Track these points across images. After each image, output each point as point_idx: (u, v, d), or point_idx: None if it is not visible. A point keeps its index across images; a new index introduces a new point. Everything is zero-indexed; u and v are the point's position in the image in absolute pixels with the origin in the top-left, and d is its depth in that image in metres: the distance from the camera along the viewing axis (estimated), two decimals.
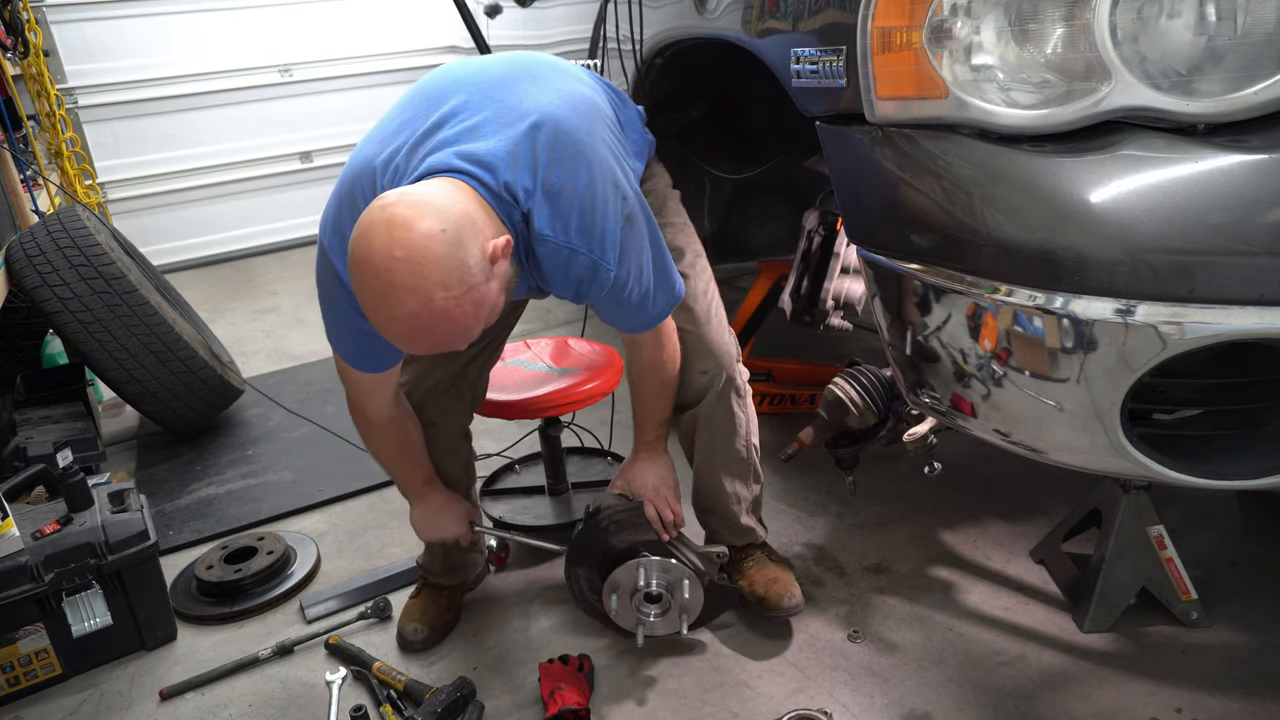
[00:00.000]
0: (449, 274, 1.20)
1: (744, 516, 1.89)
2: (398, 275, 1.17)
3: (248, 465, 2.80)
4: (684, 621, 1.75)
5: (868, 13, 1.29)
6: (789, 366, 2.86)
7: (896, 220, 1.36)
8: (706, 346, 1.71)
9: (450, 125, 1.38)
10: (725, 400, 1.77)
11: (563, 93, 1.44)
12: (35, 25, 4.32)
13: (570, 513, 2.22)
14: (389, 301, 1.19)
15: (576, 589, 1.82)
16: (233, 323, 4.29)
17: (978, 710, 1.60)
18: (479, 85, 1.43)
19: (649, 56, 2.24)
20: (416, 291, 1.18)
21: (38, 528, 1.87)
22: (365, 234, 1.20)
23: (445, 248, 1.19)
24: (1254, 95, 1.07)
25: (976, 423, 1.37)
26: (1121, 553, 1.72)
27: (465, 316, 1.24)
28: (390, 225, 1.19)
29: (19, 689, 1.85)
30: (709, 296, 1.75)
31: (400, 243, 1.17)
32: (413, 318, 1.20)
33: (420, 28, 5.61)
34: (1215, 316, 1.08)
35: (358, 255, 1.21)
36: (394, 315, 1.20)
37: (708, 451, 1.82)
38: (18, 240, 2.70)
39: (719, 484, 1.84)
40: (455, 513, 1.82)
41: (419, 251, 1.18)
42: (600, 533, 1.76)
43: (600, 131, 1.43)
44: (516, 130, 1.35)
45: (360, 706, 1.67)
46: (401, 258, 1.17)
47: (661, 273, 1.52)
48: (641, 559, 1.72)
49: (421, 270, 1.18)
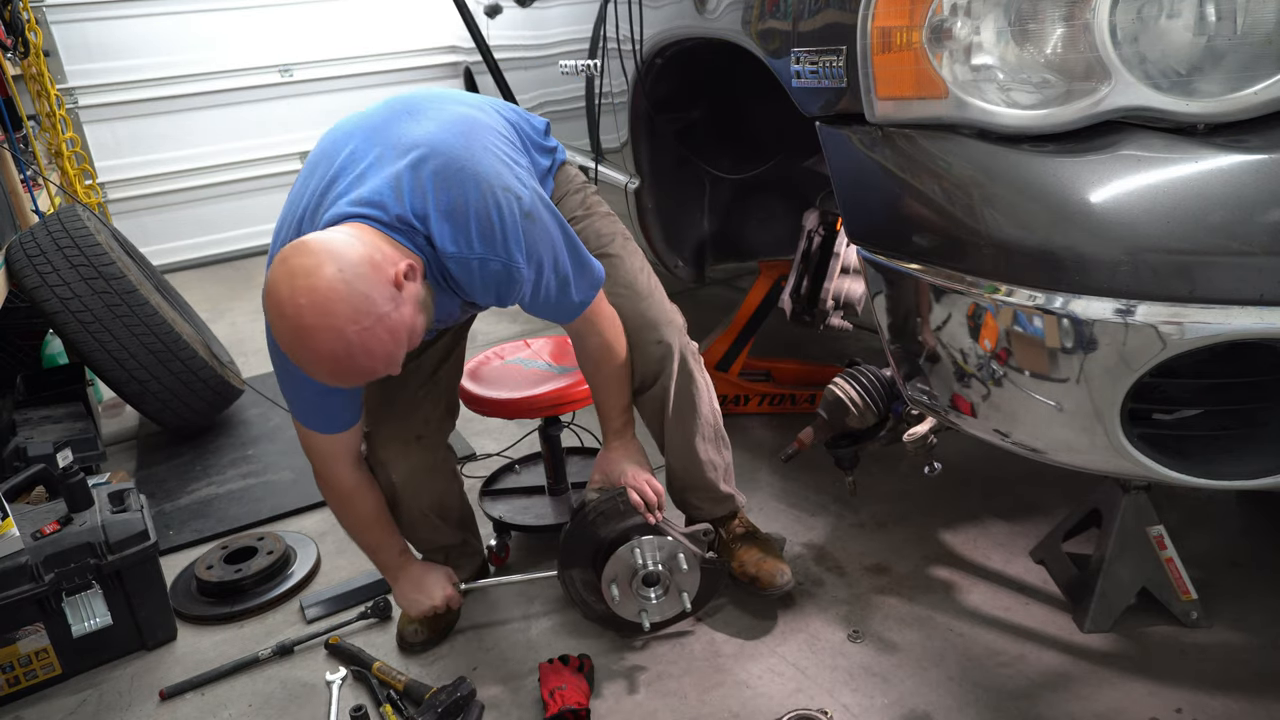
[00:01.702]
0: (355, 308, 1.27)
1: (722, 484, 1.91)
2: (308, 319, 1.25)
3: (248, 465, 2.80)
4: (685, 599, 1.76)
5: (868, 13, 1.29)
6: (789, 366, 2.86)
7: (896, 220, 1.36)
8: (655, 316, 1.77)
9: (341, 179, 1.46)
10: (685, 368, 1.79)
11: (439, 120, 1.51)
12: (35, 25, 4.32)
13: (570, 512, 2.21)
14: (307, 345, 1.27)
15: (573, 591, 1.82)
16: (233, 323, 4.29)
17: (978, 710, 1.60)
18: (363, 133, 1.51)
19: (649, 56, 2.24)
20: (329, 330, 1.26)
21: (38, 528, 1.87)
22: (273, 290, 1.28)
23: (345, 284, 1.27)
24: (1254, 95, 1.07)
25: (976, 423, 1.37)
26: (1121, 553, 1.72)
27: (383, 344, 1.31)
28: (291, 276, 1.27)
29: (19, 689, 1.85)
30: (646, 273, 1.82)
31: (303, 290, 1.25)
32: (333, 355, 1.28)
33: (420, 28, 5.62)
34: (1215, 316, 1.08)
35: (271, 312, 1.29)
36: (316, 356, 1.28)
37: (679, 423, 1.82)
38: (18, 240, 2.70)
39: (695, 455, 1.85)
40: (436, 578, 1.86)
41: (322, 294, 1.25)
42: (588, 527, 1.77)
43: (482, 141, 1.50)
44: (398, 166, 1.42)
45: (360, 706, 1.67)
46: (307, 303, 1.25)
47: (578, 260, 1.57)
48: (634, 541, 1.73)
49: (328, 309, 1.26)
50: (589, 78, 2.66)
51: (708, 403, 1.85)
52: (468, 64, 4.64)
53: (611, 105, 2.58)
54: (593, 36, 2.55)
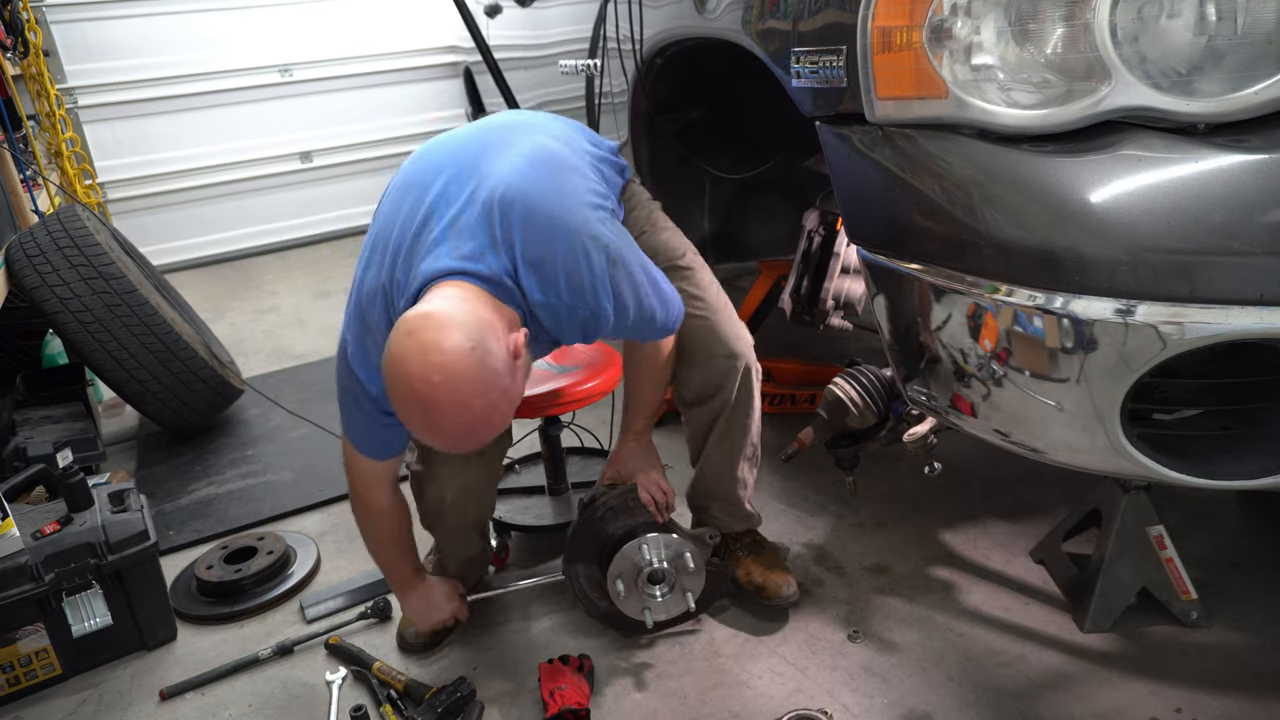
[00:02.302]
0: (484, 384, 1.30)
1: (747, 503, 1.94)
2: (439, 396, 1.26)
3: (248, 465, 2.80)
4: (690, 599, 1.76)
5: (868, 13, 1.29)
6: (789, 366, 2.86)
7: (896, 220, 1.36)
8: (727, 332, 1.76)
9: (435, 220, 1.45)
10: (748, 386, 1.80)
11: (529, 156, 1.50)
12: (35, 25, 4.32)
13: (570, 512, 2.21)
14: (436, 421, 1.30)
15: (577, 587, 1.82)
16: (233, 323, 4.29)
17: (978, 710, 1.60)
18: (455, 165, 1.51)
19: (649, 56, 2.24)
20: (459, 407, 1.28)
21: (38, 528, 1.87)
22: (400, 362, 1.28)
23: (476, 361, 1.28)
24: (1254, 95, 1.07)
25: (976, 423, 1.37)
26: (1121, 553, 1.72)
27: (503, 415, 1.36)
28: (424, 351, 1.27)
29: (19, 689, 1.85)
30: (716, 287, 1.82)
31: (435, 366, 1.26)
32: (458, 427, 1.31)
33: (420, 28, 5.62)
34: (1215, 316, 1.08)
35: (397, 382, 1.29)
36: (443, 430, 1.32)
37: (727, 439, 1.83)
38: (18, 240, 2.70)
39: (733, 472, 1.87)
40: (445, 592, 1.86)
41: (453, 372, 1.26)
42: (597, 522, 1.77)
43: (569, 183, 1.50)
44: (493, 214, 1.42)
45: (360, 706, 1.67)
46: (440, 381, 1.26)
47: (661, 299, 1.58)
48: (641, 537, 1.74)
49: (460, 387, 1.27)
50: (589, 78, 2.66)
51: (757, 424, 1.86)
52: (468, 64, 4.64)
53: (611, 105, 2.58)
54: (593, 36, 2.55)
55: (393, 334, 1.31)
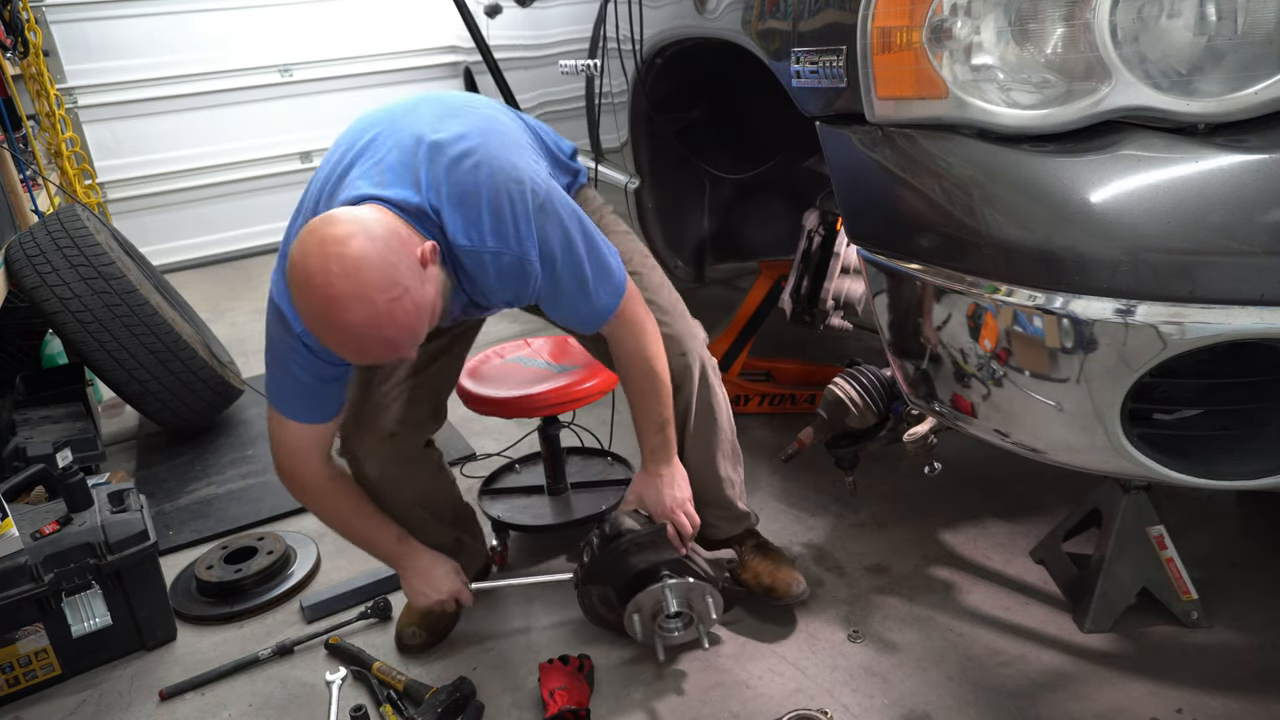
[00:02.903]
0: (386, 279, 1.27)
1: (739, 502, 1.90)
2: (339, 287, 1.25)
3: (248, 465, 2.80)
4: (703, 634, 1.72)
5: (868, 13, 1.29)
6: (789, 366, 2.86)
7: (896, 220, 1.36)
8: (678, 331, 1.74)
9: (359, 163, 1.47)
10: (706, 382, 1.78)
11: (465, 119, 1.49)
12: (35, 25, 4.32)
13: (569, 512, 2.20)
14: (335, 313, 1.26)
15: (587, 603, 1.80)
16: (233, 323, 4.29)
17: (978, 710, 1.60)
18: (386, 121, 1.51)
19: (649, 56, 2.24)
20: (359, 299, 1.25)
21: (37, 528, 1.87)
22: (301, 258, 1.27)
23: (378, 256, 1.27)
24: (1254, 95, 1.07)
25: (976, 423, 1.37)
26: (1121, 553, 1.72)
27: (408, 318, 1.31)
28: (323, 244, 1.26)
29: (19, 689, 1.85)
30: (667, 288, 1.80)
31: (335, 257, 1.25)
32: (360, 325, 1.27)
33: (420, 28, 5.62)
34: (1215, 316, 1.08)
35: (298, 278, 1.28)
36: (343, 325, 1.27)
37: (701, 440, 1.80)
38: (17, 240, 2.70)
39: (715, 472, 1.84)
40: (445, 571, 1.80)
41: (354, 263, 1.25)
42: (621, 555, 1.70)
43: (502, 138, 1.49)
44: (417, 154, 1.42)
45: (360, 706, 1.67)
46: (339, 271, 1.25)
47: (597, 262, 1.53)
48: (667, 583, 1.68)
49: (360, 278, 1.25)
50: (589, 78, 2.66)
51: (726, 418, 1.84)
52: (468, 64, 4.64)
53: (611, 105, 2.58)
54: (593, 36, 2.55)
55: (298, 237, 1.30)
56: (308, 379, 1.52)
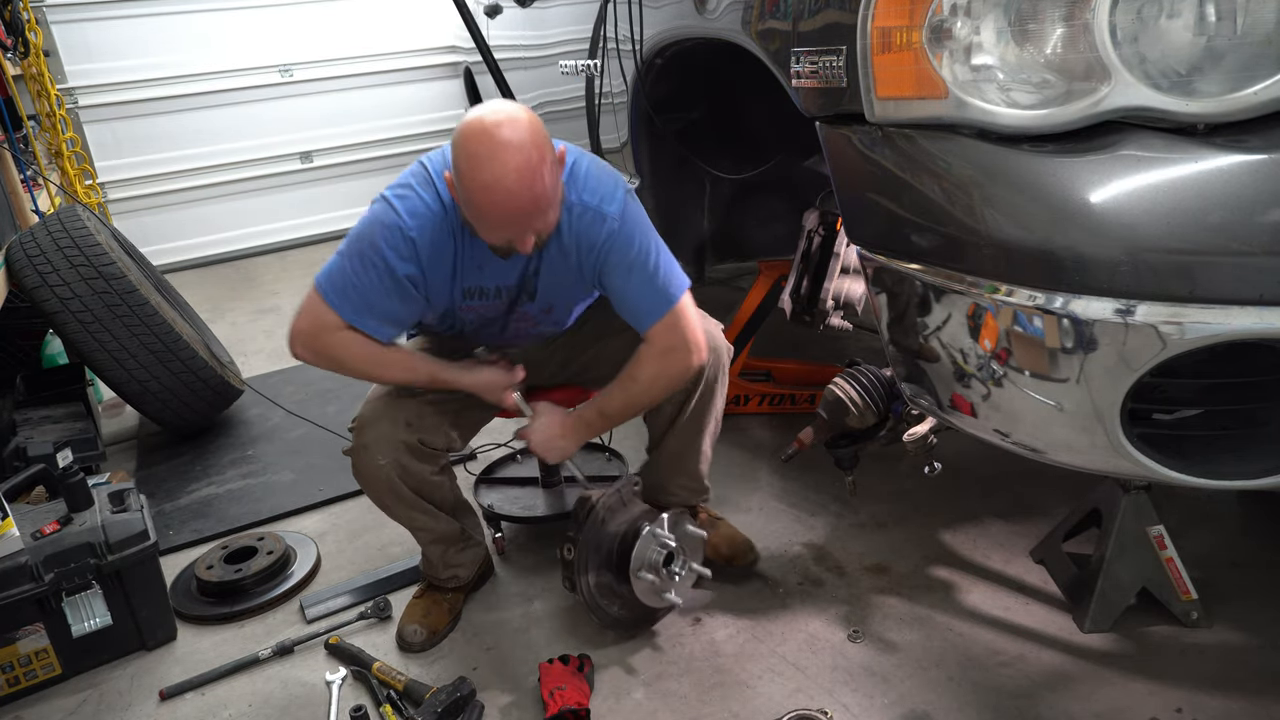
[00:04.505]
0: (538, 145, 1.49)
1: (705, 477, 2.02)
2: (504, 134, 1.47)
3: (248, 465, 2.81)
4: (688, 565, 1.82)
5: (868, 13, 1.29)
6: (789, 366, 2.86)
7: (896, 220, 1.36)
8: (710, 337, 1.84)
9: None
10: (718, 367, 1.88)
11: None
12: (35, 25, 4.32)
13: (562, 505, 2.25)
14: (500, 153, 1.46)
15: (589, 597, 1.80)
16: (233, 323, 4.29)
17: (978, 710, 1.60)
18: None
19: (649, 56, 2.24)
20: (519, 148, 1.47)
21: (38, 528, 1.87)
22: (477, 117, 1.50)
23: (538, 131, 1.51)
24: (1254, 95, 1.07)
25: (976, 423, 1.37)
26: (1121, 553, 1.72)
27: (546, 186, 1.50)
28: (494, 109, 1.52)
29: (19, 689, 1.85)
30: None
31: (505, 115, 1.50)
32: (516, 166, 1.46)
33: (420, 28, 5.62)
34: (1215, 316, 1.08)
35: (470, 129, 1.50)
36: (502, 163, 1.46)
37: (697, 416, 1.89)
38: (18, 240, 2.70)
39: (699, 449, 1.95)
40: (495, 368, 1.82)
41: (518, 123, 1.49)
42: (601, 525, 1.77)
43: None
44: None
45: (360, 706, 1.67)
46: (506, 122, 1.48)
47: (668, 257, 1.72)
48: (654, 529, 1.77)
49: (521, 131, 1.48)
50: (589, 78, 2.66)
51: (721, 400, 1.93)
52: (468, 64, 4.64)
53: (611, 105, 2.58)
54: (593, 36, 2.55)
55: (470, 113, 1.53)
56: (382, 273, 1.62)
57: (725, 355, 1.88)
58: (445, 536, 1.93)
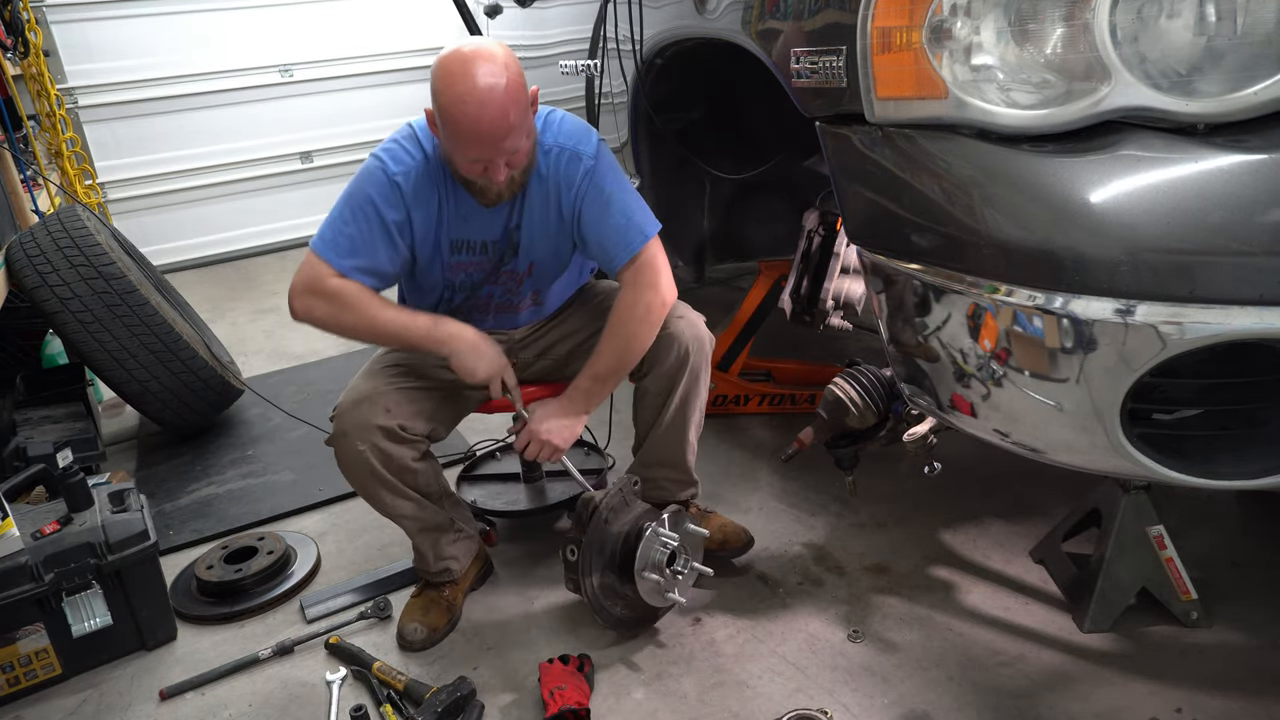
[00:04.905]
0: (513, 77, 1.59)
1: (692, 469, 2.04)
2: (480, 55, 1.58)
3: (248, 465, 2.81)
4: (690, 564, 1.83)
5: (868, 13, 1.29)
6: (789, 366, 2.86)
7: (896, 220, 1.36)
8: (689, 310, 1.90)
9: None
10: (703, 356, 1.90)
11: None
12: (35, 25, 4.32)
13: (543, 499, 2.28)
14: (474, 70, 1.56)
15: (593, 598, 1.79)
16: (233, 323, 4.29)
17: (978, 710, 1.60)
18: None
19: (649, 56, 2.25)
20: (494, 66, 1.57)
21: (38, 528, 1.87)
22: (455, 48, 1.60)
23: (510, 58, 1.61)
24: (1254, 95, 1.07)
25: (976, 423, 1.37)
26: (1121, 553, 1.72)
27: (519, 107, 1.60)
28: (473, 43, 1.62)
29: (19, 689, 1.85)
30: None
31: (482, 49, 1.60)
32: (490, 92, 1.56)
33: (420, 28, 5.61)
34: (1215, 316, 1.08)
35: (447, 55, 1.60)
36: (476, 91, 1.56)
37: (683, 404, 1.91)
38: (18, 240, 2.70)
39: (684, 436, 1.96)
40: (491, 341, 1.82)
41: (494, 56, 1.59)
42: (604, 526, 1.77)
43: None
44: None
45: (360, 706, 1.67)
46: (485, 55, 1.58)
47: (640, 203, 1.80)
48: (656, 527, 1.78)
49: (497, 61, 1.58)
50: (589, 78, 2.66)
51: (705, 391, 1.96)
52: None
53: (611, 105, 2.58)
54: (593, 36, 2.55)
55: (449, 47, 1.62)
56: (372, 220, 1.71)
57: (709, 345, 1.91)
58: (433, 525, 1.93)
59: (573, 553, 1.77)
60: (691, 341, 1.86)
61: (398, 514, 1.88)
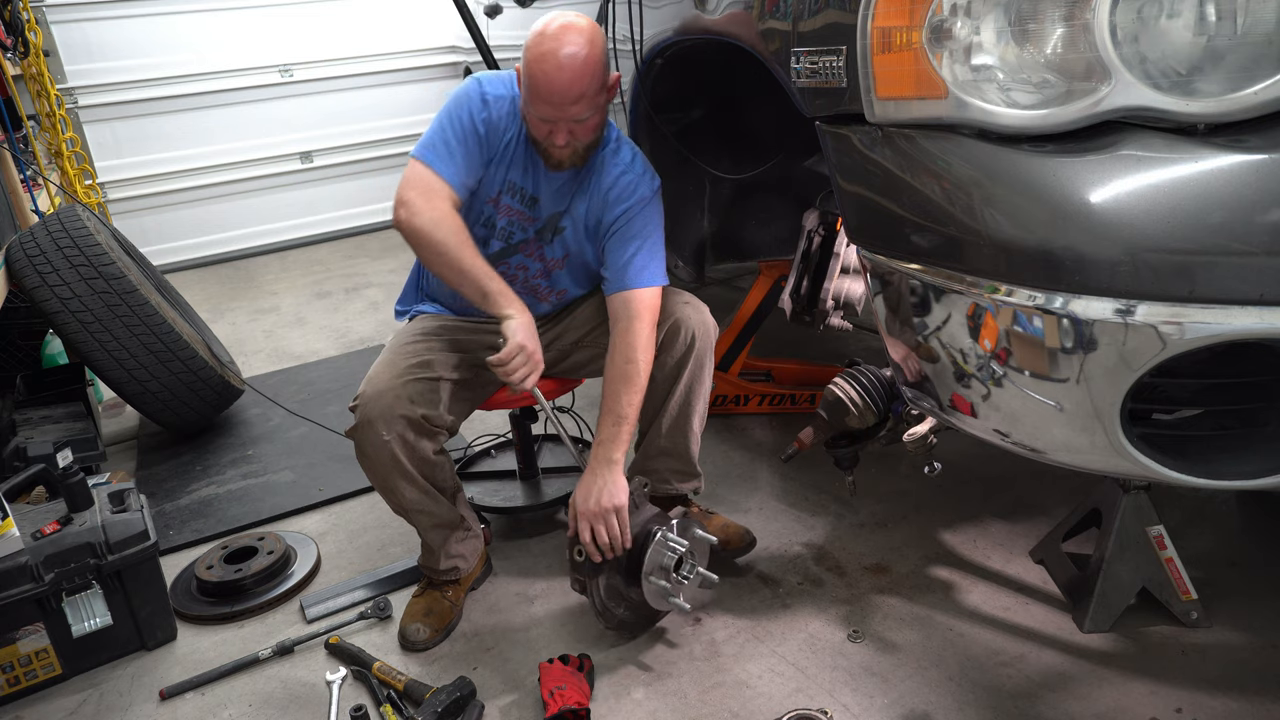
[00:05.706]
0: (600, 44, 1.72)
1: (696, 461, 2.03)
2: (572, 26, 1.70)
3: (248, 465, 2.81)
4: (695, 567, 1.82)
5: (868, 13, 1.29)
6: (789, 366, 2.86)
7: (896, 220, 1.36)
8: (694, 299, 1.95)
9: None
10: (708, 345, 1.92)
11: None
12: (35, 25, 4.32)
13: (539, 496, 2.30)
14: (562, 35, 1.68)
15: (597, 599, 1.80)
16: (233, 323, 4.29)
17: (978, 710, 1.60)
18: None
19: (649, 56, 2.24)
20: (582, 39, 1.69)
21: (38, 528, 1.87)
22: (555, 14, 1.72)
23: (599, 34, 1.73)
24: (1254, 95, 1.07)
25: (976, 423, 1.37)
26: (1121, 553, 1.72)
27: (597, 76, 1.71)
28: (574, 15, 1.73)
29: (19, 689, 1.85)
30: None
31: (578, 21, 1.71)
32: (575, 54, 1.67)
33: (420, 28, 5.61)
34: (1215, 316, 1.08)
35: (545, 20, 1.71)
36: (564, 48, 1.67)
37: (688, 392, 1.93)
38: (18, 240, 2.70)
39: (689, 425, 1.96)
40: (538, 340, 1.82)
41: (588, 26, 1.71)
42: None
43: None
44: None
45: (360, 706, 1.67)
46: (576, 25, 1.70)
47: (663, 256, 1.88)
48: (664, 531, 1.77)
49: (587, 31, 1.70)
50: None
51: (709, 378, 1.97)
52: (468, 64, 4.64)
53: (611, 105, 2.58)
54: None
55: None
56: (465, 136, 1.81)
57: (714, 333, 1.94)
58: (446, 522, 1.93)
59: (580, 554, 1.77)
60: (698, 327, 1.88)
61: (414, 508, 1.87)
